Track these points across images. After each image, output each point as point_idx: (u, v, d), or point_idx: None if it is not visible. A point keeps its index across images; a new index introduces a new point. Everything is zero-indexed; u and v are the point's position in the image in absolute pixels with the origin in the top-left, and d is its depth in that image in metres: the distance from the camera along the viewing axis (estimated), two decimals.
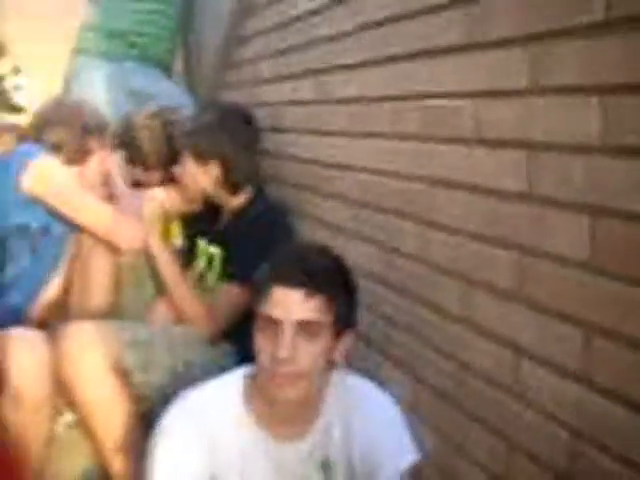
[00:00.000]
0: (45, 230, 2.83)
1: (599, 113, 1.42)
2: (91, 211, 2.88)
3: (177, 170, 2.98)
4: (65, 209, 2.82)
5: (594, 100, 1.43)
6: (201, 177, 2.92)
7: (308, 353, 1.91)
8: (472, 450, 1.85)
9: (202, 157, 2.91)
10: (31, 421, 2.48)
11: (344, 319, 1.97)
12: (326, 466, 2.08)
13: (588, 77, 1.45)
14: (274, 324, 1.90)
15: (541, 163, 1.59)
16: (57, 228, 2.87)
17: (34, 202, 2.77)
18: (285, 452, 2.05)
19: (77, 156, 2.92)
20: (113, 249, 2.91)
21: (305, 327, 1.90)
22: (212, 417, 2.02)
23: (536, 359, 1.62)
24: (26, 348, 2.50)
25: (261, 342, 1.94)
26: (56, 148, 2.88)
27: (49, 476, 2.60)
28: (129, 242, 2.87)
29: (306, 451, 2.06)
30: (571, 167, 1.50)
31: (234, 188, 2.93)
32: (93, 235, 2.87)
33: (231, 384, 2.08)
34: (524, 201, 1.64)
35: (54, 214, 2.82)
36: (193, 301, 2.84)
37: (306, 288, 1.90)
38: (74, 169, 2.92)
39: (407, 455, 2.04)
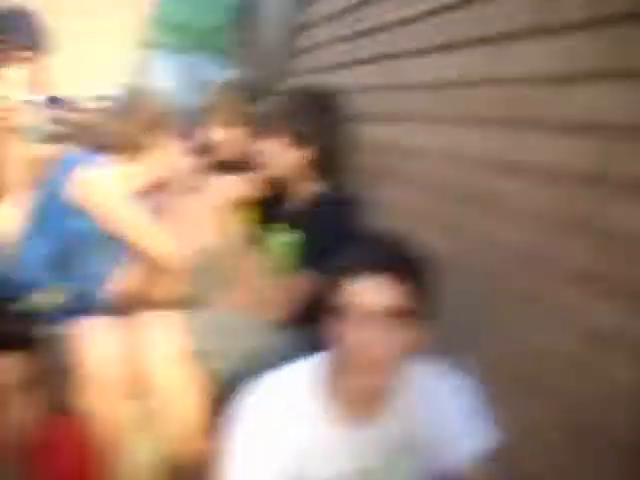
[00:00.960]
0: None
1: None
2: (131, 226, 2.82)
3: (258, 149, 2.95)
4: (106, 221, 2.78)
5: None
6: (295, 160, 2.92)
7: (390, 341, 1.92)
8: (546, 433, 1.84)
9: (301, 140, 2.89)
10: (105, 406, 2.52)
11: (425, 307, 1.97)
12: (404, 449, 2.09)
13: None
14: (359, 311, 1.91)
15: (618, 147, 1.57)
16: None
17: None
18: (360, 437, 2.06)
19: (137, 153, 2.87)
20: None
21: (389, 315, 1.91)
22: (286, 404, 2.04)
23: (613, 341, 1.62)
24: (100, 335, 2.55)
25: (344, 329, 1.94)
26: (114, 146, 2.84)
27: (123, 460, 2.64)
28: (167, 262, 2.80)
29: (381, 435, 2.08)
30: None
31: (322, 174, 2.95)
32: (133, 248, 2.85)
33: (306, 371, 2.09)
34: (600, 184, 1.62)
35: None
36: (264, 288, 2.85)
37: (392, 275, 1.90)
38: (129, 169, 2.87)
39: (480, 440, 2.04)
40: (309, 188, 2.92)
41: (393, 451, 2.09)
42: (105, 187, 2.79)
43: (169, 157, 2.91)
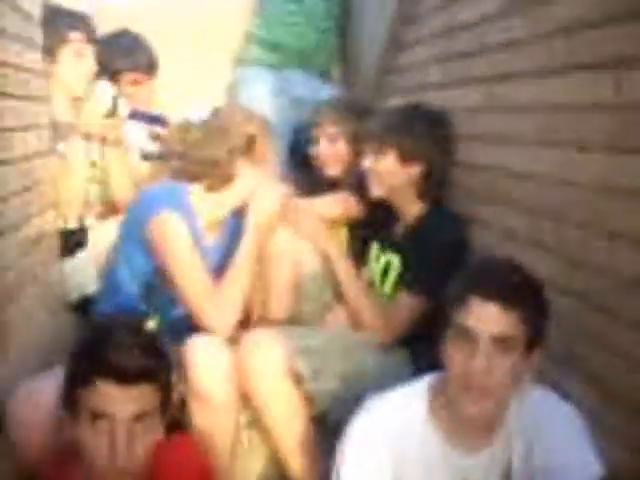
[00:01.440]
0: None
1: None
2: (190, 283, 2.69)
3: (367, 168, 2.96)
4: (171, 269, 2.70)
5: None
6: (400, 177, 2.92)
7: (501, 368, 1.93)
8: None
9: (407, 156, 2.90)
10: (217, 424, 2.57)
11: (536, 335, 1.97)
12: (508, 476, 2.09)
13: None
14: (469, 335, 1.93)
15: None
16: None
17: None
18: (468, 463, 2.07)
19: (223, 180, 2.81)
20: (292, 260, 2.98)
21: (500, 341, 1.92)
22: (398, 427, 2.06)
23: None
24: (211, 353, 2.58)
25: (454, 353, 1.96)
26: (203, 172, 2.79)
27: (234, 476, 2.69)
28: (217, 328, 2.66)
29: (488, 462, 2.08)
30: None
31: (425, 193, 2.94)
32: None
33: (417, 394, 2.11)
34: None
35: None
36: (371, 308, 2.87)
37: (504, 302, 1.92)
38: (218, 196, 2.83)
39: (591, 470, 2.03)
40: (415, 207, 2.93)
41: (493, 478, 2.09)
42: (176, 230, 2.70)
43: (255, 180, 2.85)
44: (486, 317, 1.92)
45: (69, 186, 3.24)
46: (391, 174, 2.89)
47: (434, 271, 2.71)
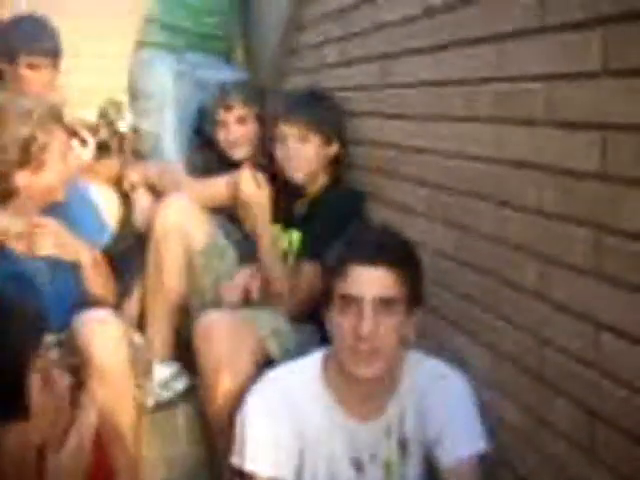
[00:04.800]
0: None
1: None
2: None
3: (286, 151, 2.99)
4: None
5: None
6: (321, 159, 2.98)
7: (387, 329, 2.00)
8: (555, 422, 1.90)
9: (329, 139, 2.97)
10: (117, 400, 2.53)
11: (415, 294, 2.05)
12: (403, 445, 2.16)
13: None
14: (353, 302, 1.98)
15: (616, 143, 1.63)
16: None
17: None
18: (361, 430, 2.13)
19: (4, 196, 2.63)
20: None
21: (383, 303, 1.99)
22: (296, 395, 2.13)
23: (616, 332, 1.67)
24: (100, 327, 2.52)
25: (340, 320, 2.02)
26: None
27: (144, 458, 2.69)
28: None
29: (381, 429, 2.14)
30: None
31: (333, 172, 3.00)
32: None
33: (313, 365, 2.17)
34: (599, 180, 1.69)
35: None
36: (282, 278, 2.91)
37: (383, 265, 1.99)
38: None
39: (476, 443, 2.11)
40: (318, 185, 2.98)
41: (388, 445, 2.16)
42: None
43: None
44: (366, 281, 1.99)
45: None
46: (314, 157, 2.95)
47: (327, 238, 2.77)
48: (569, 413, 1.84)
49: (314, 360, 2.19)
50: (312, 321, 2.79)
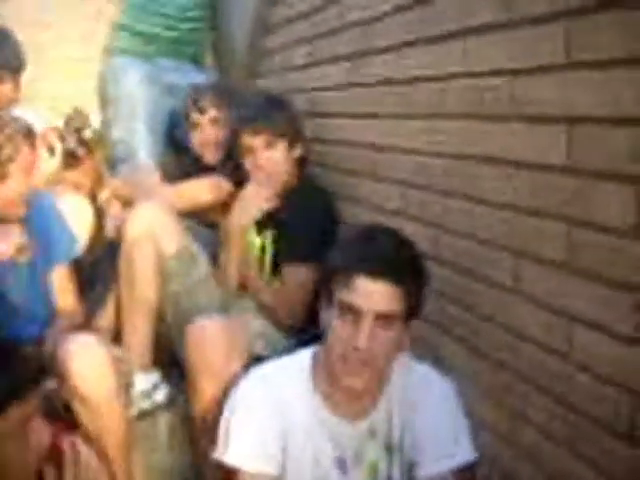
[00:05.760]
0: None
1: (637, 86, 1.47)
2: None
3: (247, 161, 2.97)
4: None
5: (630, 74, 1.48)
6: (288, 163, 2.97)
7: (383, 343, 1.96)
8: (534, 417, 1.90)
9: (293, 142, 2.97)
10: (102, 423, 2.51)
11: (416, 308, 2.02)
12: (389, 447, 2.14)
13: (622, 51, 1.50)
14: (353, 312, 1.94)
15: (582, 136, 1.64)
16: None
17: None
18: (346, 429, 2.12)
19: None
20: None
21: (383, 317, 1.95)
22: (283, 391, 2.11)
23: (589, 325, 1.67)
24: (84, 352, 2.49)
25: (338, 325, 1.98)
26: None
27: (132, 471, 2.65)
28: None
29: (366, 431, 2.13)
30: (613, 139, 1.55)
31: (298, 172, 3.00)
32: None
33: (301, 362, 2.15)
34: (568, 174, 1.69)
35: None
36: (267, 288, 2.91)
37: (391, 280, 1.93)
38: None
39: (459, 456, 2.10)
40: (285, 186, 2.97)
41: (374, 447, 2.14)
42: None
43: None
44: (371, 295, 1.93)
45: None
46: (282, 163, 2.95)
47: (309, 238, 2.79)
48: (546, 406, 1.84)
49: (302, 357, 2.17)
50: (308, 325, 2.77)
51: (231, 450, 2.09)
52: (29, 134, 2.61)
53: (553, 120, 1.72)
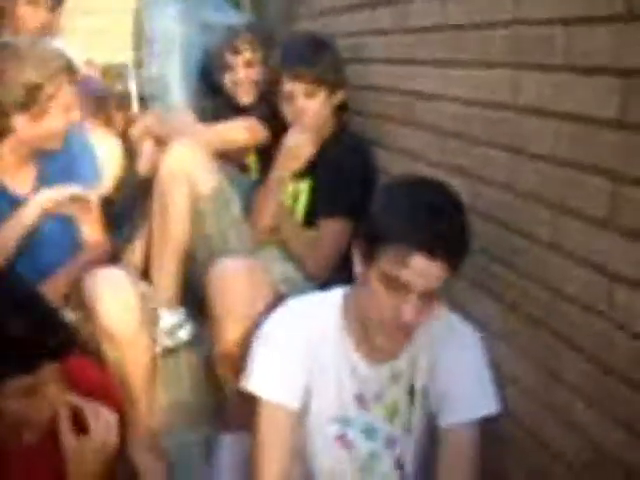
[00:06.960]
0: None
1: None
2: None
3: (296, 107, 2.91)
4: None
5: None
6: (328, 109, 2.93)
7: (425, 315, 1.96)
8: (567, 376, 1.87)
9: (334, 88, 2.91)
10: (128, 358, 2.52)
11: (454, 272, 1.98)
12: (411, 392, 2.14)
13: None
14: (402, 285, 1.91)
15: (635, 90, 1.59)
16: None
17: None
18: (369, 372, 2.12)
19: None
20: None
21: (429, 293, 1.93)
22: (313, 324, 2.11)
23: (628, 283, 1.64)
24: (110, 286, 2.50)
25: (379, 294, 1.95)
26: None
27: (155, 407, 2.67)
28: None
29: (389, 374, 2.13)
30: None
31: (338, 119, 2.95)
32: None
33: (333, 302, 2.15)
34: (616, 128, 1.64)
35: None
36: (301, 238, 2.89)
37: (444, 260, 1.88)
38: None
39: (482, 408, 2.08)
40: (324, 132, 2.93)
41: (397, 390, 2.14)
42: None
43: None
44: (427, 275, 1.89)
45: None
46: (322, 110, 2.91)
47: (349, 192, 2.76)
48: (580, 366, 1.81)
49: (335, 295, 2.17)
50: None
51: (254, 378, 2.10)
52: (70, 70, 2.59)
53: (606, 72, 1.66)
